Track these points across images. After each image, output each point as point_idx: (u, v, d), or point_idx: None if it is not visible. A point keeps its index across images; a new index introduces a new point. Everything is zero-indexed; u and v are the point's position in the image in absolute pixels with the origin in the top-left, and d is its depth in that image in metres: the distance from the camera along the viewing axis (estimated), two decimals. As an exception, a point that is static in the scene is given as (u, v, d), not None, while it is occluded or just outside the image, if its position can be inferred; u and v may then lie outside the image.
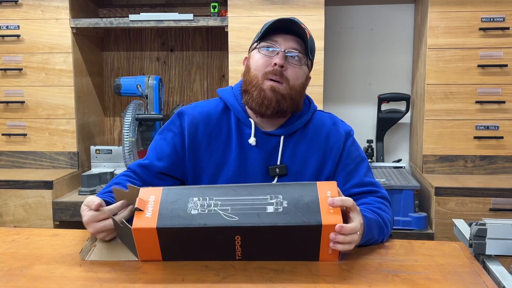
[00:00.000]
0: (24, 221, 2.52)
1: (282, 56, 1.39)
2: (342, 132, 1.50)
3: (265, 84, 1.39)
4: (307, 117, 1.50)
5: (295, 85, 1.41)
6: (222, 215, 1.15)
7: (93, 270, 1.14)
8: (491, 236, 1.23)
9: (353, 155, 1.49)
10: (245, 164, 1.46)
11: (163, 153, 1.49)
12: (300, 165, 1.46)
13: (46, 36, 2.68)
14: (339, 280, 1.09)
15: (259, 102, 1.39)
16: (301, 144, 1.47)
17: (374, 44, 3.01)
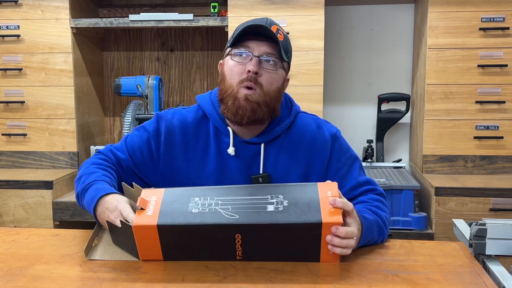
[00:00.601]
0: (24, 221, 2.52)
1: (255, 62, 1.34)
2: (327, 135, 1.45)
3: (240, 93, 1.35)
4: (288, 122, 1.45)
5: (269, 91, 1.36)
6: (222, 214, 1.15)
7: (93, 270, 1.14)
8: (491, 236, 1.23)
9: (344, 159, 1.45)
10: (225, 174, 1.41)
11: (134, 150, 1.45)
12: (284, 173, 1.42)
13: (46, 36, 2.68)
14: (339, 280, 1.09)
15: (233, 112, 1.35)
16: (284, 150, 1.43)
17: (374, 44, 3.01)
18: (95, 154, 1.49)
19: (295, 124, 1.46)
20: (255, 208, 1.16)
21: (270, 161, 1.42)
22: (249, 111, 1.35)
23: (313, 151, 1.43)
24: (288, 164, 1.42)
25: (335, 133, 1.47)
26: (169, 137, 1.44)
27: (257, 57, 1.35)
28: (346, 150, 1.47)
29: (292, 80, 2.63)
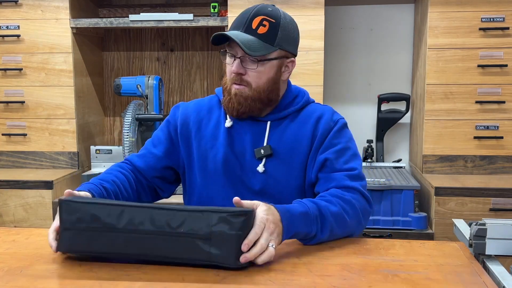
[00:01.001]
0: (24, 221, 2.52)
1: (237, 64, 1.41)
2: (330, 119, 1.50)
3: (232, 89, 1.45)
4: (298, 106, 1.51)
5: (259, 86, 1.44)
6: None
7: (93, 270, 1.14)
8: (491, 236, 1.23)
9: (336, 141, 1.47)
10: (232, 147, 1.49)
11: (159, 140, 1.56)
12: (288, 149, 1.48)
13: (46, 36, 2.68)
14: (339, 280, 1.09)
15: (226, 105, 1.47)
16: (289, 129, 1.49)
17: (374, 44, 3.01)
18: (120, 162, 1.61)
19: (305, 110, 1.53)
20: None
21: (275, 137, 1.48)
22: (236, 105, 1.44)
23: (316, 129, 1.49)
24: (293, 141, 1.48)
25: (339, 119, 1.52)
26: (184, 118, 1.55)
27: (238, 58, 1.42)
28: (343, 136, 1.50)
29: (292, 80, 2.61)
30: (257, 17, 1.41)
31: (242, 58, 1.41)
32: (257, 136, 1.49)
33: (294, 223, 1.22)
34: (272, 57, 1.43)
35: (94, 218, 1.15)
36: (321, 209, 1.29)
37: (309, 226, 1.25)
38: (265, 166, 1.47)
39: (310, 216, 1.26)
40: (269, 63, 1.43)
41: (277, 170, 1.47)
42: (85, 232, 1.15)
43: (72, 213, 1.16)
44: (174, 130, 1.56)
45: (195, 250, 1.11)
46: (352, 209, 1.36)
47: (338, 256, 1.21)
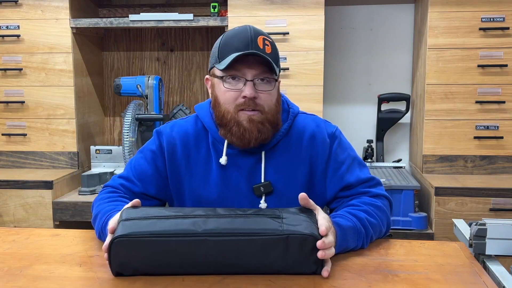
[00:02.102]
0: (24, 221, 2.52)
1: (251, 87, 1.29)
2: (325, 135, 1.42)
3: (241, 116, 1.31)
4: (287, 125, 1.41)
5: (271, 109, 1.33)
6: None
7: (93, 270, 1.14)
8: (491, 236, 1.23)
9: (342, 157, 1.42)
10: (228, 185, 1.38)
11: (145, 176, 1.42)
12: (286, 179, 1.39)
13: (46, 36, 2.68)
14: (339, 280, 1.09)
15: (239, 136, 1.32)
16: (284, 155, 1.39)
17: (374, 44, 3.01)
18: (103, 189, 1.46)
19: (294, 127, 1.42)
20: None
21: (272, 169, 1.39)
22: (255, 133, 1.31)
23: (313, 151, 1.40)
24: (290, 169, 1.39)
25: (334, 132, 1.44)
26: (171, 150, 1.42)
27: (251, 81, 1.30)
28: (345, 148, 1.44)
29: (292, 80, 2.64)
30: (259, 36, 1.31)
31: (254, 81, 1.30)
32: (252, 169, 1.38)
33: (346, 239, 1.22)
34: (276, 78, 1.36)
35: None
36: (364, 223, 1.28)
37: (356, 241, 1.26)
38: (266, 201, 1.38)
39: (357, 232, 1.26)
40: (277, 84, 1.36)
41: (279, 205, 1.34)
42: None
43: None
44: (162, 163, 1.42)
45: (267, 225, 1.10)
46: (384, 215, 1.36)
47: (338, 256, 1.21)
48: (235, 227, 1.09)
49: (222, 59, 1.32)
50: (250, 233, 1.08)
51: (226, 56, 1.31)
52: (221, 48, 1.33)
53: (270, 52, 1.31)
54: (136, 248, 1.07)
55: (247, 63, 1.30)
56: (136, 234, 1.07)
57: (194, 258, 1.08)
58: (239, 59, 1.29)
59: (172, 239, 1.07)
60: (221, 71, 1.32)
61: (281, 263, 1.09)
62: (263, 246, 1.08)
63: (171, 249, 1.07)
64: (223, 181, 1.38)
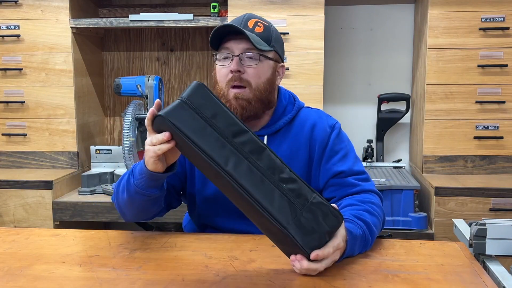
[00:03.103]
0: (24, 221, 2.52)
1: (236, 61, 1.38)
2: (326, 125, 1.49)
3: (230, 94, 1.40)
4: (291, 115, 1.49)
5: (259, 85, 1.41)
6: None
7: (93, 270, 1.14)
8: (491, 236, 1.23)
9: (338, 147, 1.47)
10: None
11: None
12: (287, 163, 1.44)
13: (46, 36, 2.68)
14: (339, 280, 1.09)
15: None
16: (285, 141, 1.47)
17: (374, 44, 3.01)
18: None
19: (297, 117, 1.51)
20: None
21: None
22: (239, 109, 1.39)
23: (313, 138, 1.47)
24: (290, 155, 1.46)
25: (334, 124, 1.51)
26: None
27: (237, 56, 1.39)
28: (343, 141, 1.50)
29: (292, 80, 2.64)
30: (251, 19, 1.42)
31: (241, 56, 1.39)
32: None
33: (354, 246, 1.22)
34: (269, 56, 1.43)
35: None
36: (370, 228, 1.29)
37: (361, 249, 1.26)
38: None
39: (365, 240, 1.26)
40: (267, 62, 1.42)
41: None
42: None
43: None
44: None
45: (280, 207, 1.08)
46: (381, 211, 1.40)
47: (338, 256, 1.21)
48: (253, 190, 1.08)
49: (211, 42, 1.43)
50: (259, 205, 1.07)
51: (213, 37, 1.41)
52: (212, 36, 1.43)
53: (260, 31, 1.41)
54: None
55: (235, 41, 1.40)
56: (177, 127, 1.10)
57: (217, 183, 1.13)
58: (229, 38, 1.40)
59: (204, 155, 1.09)
60: (216, 51, 1.44)
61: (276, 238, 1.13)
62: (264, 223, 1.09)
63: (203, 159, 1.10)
64: None
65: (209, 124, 1.11)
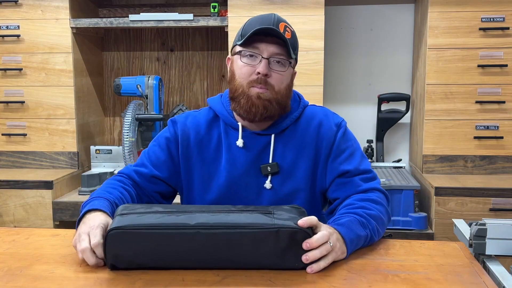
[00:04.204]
0: (24, 221, 2.52)
1: (265, 64, 1.37)
2: (332, 124, 1.49)
3: (251, 91, 1.39)
4: (297, 114, 1.49)
5: (280, 90, 1.41)
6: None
7: (93, 270, 1.14)
8: (491, 236, 1.23)
9: (344, 146, 1.47)
10: (235, 166, 1.45)
11: (159, 161, 1.49)
12: (292, 162, 1.45)
13: (46, 36, 2.68)
14: (339, 280, 1.09)
15: (246, 109, 1.40)
16: (292, 140, 1.47)
17: (374, 44, 3.01)
18: (116, 175, 1.51)
19: (303, 115, 1.50)
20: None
21: (279, 151, 1.46)
22: (261, 109, 1.39)
23: (319, 138, 1.47)
24: (296, 154, 1.46)
25: (340, 122, 1.51)
26: (184, 138, 1.49)
27: (266, 59, 1.38)
28: (349, 139, 1.50)
29: (292, 80, 2.63)
30: (281, 22, 1.40)
31: (270, 60, 1.38)
32: (261, 151, 1.45)
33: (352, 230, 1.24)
34: (292, 63, 1.44)
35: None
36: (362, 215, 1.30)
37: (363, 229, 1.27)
38: (271, 182, 1.45)
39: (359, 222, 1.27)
40: (290, 69, 1.43)
41: (284, 185, 1.45)
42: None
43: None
44: (176, 150, 1.49)
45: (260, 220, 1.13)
46: (381, 206, 1.39)
47: (338, 256, 1.21)
48: (227, 220, 1.12)
49: (243, 37, 1.39)
50: (241, 226, 1.11)
51: (247, 34, 1.38)
52: (245, 28, 1.42)
53: (289, 38, 1.40)
54: (131, 239, 1.09)
55: (266, 42, 1.38)
56: (131, 227, 1.10)
57: (187, 251, 1.10)
58: (259, 38, 1.38)
59: (165, 231, 1.09)
60: (241, 46, 1.40)
61: (272, 257, 1.11)
62: (254, 239, 1.10)
63: (165, 241, 1.10)
64: (232, 162, 1.45)
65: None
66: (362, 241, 1.26)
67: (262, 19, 1.40)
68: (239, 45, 1.41)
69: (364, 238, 1.27)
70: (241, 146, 1.45)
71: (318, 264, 1.13)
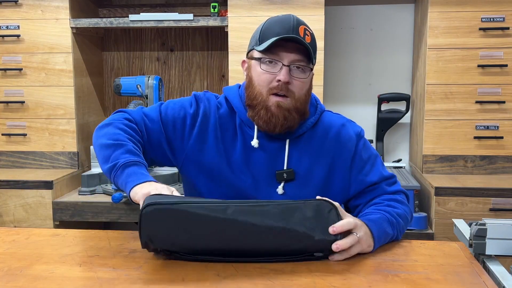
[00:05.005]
0: (24, 221, 2.52)
1: (286, 72, 1.33)
2: (352, 133, 1.48)
3: (271, 101, 1.35)
4: (314, 119, 1.46)
5: (301, 97, 1.38)
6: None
7: (93, 270, 1.14)
8: (491, 236, 1.23)
9: (367, 155, 1.48)
10: (249, 166, 1.43)
11: (168, 121, 1.45)
12: (307, 170, 1.43)
13: (46, 36, 2.68)
14: (339, 280, 1.09)
15: (266, 120, 1.36)
16: (308, 147, 1.44)
17: (374, 44, 3.01)
18: (124, 113, 1.47)
19: (320, 122, 1.48)
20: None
21: (295, 157, 1.43)
22: (281, 119, 1.36)
23: (338, 148, 1.45)
24: (312, 161, 1.44)
25: (359, 132, 1.50)
26: (205, 120, 1.45)
27: (287, 66, 1.34)
28: (369, 148, 1.51)
29: (292, 80, 2.63)
30: (301, 25, 1.35)
31: (291, 67, 1.34)
32: (275, 155, 1.43)
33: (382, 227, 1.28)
34: (312, 68, 1.41)
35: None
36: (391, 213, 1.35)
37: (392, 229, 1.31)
38: (283, 188, 1.43)
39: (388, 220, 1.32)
40: (310, 73, 1.40)
41: (296, 192, 1.42)
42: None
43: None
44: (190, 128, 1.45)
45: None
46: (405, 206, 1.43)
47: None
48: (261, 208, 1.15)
49: (262, 42, 1.36)
50: (270, 203, 1.15)
51: (266, 39, 1.35)
52: (263, 31, 1.37)
53: (309, 42, 1.36)
54: (166, 217, 1.11)
55: (286, 48, 1.34)
56: (165, 202, 1.12)
57: (220, 232, 1.12)
58: (279, 44, 1.33)
59: (200, 211, 1.11)
60: (260, 52, 1.36)
61: (299, 229, 1.14)
62: (284, 211, 1.14)
63: (199, 219, 1.11)
64: (245, 162, 1.43)
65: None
66: (388, 238, 1.31)
67: (282, 22, 1.35)
68: (258, 51, 1.36)
69: (391, 236, 1.31)
70: (256, 146, 1.42)
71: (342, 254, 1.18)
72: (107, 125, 1.42)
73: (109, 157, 1.34)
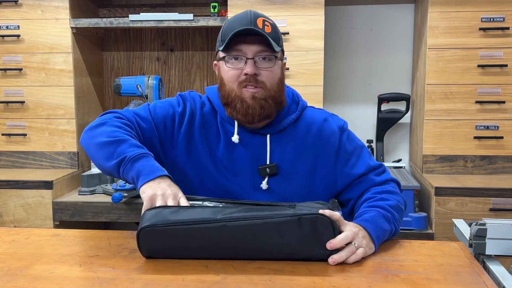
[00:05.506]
0: (24, 221, 2.52)
1: (251, 64, 1.36)
2: (335, 128, 1.49)
3: (244, 93, 1.38)
4: (295, 115, 1.47)
5: (273, 85, 1.40)
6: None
7: (93, 270, 1.14)
8: (491, 236, 1.23)
9: (351, 148, 1.48)
10: (232, 162, 1.44)
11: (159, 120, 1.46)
12: (291, 164, 1.44)
13: (46, 36, 2.68)
14: (339, 280, 1.09)
15: (243, 112, 1.38)
16: (291, 142, 1.45)
17: (374, 44, 3.01)
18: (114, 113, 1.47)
19: (302, 117, 1.49)
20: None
21: (277, 152, 1.44)
22: (258, 109, 1.38)
23: (320, 143, 1.46)
24: (295, 156, 1.45)
25: (342, 125, 1.51)
26: (191, 119, 1.47)
27: (251, 59, 1.37)
28: (353, 139, 1.51)
29: (292, 80, 2.64)
30: (258, 18, 1.38)
31: (255, 58, 1.37)
32: (258, 150, 1.44)
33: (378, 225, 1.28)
34: (279, 56, 1.42)
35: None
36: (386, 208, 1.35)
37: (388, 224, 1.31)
38: (268, 183, 1.44)
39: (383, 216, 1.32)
40: (278, 62, 1.42)
41: (280, 187, 1.44)
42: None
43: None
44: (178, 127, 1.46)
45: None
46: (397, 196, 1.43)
47: (338, 256, 1.21)
48: (251, 213, 1.16)
49: (224, 41, 1.38)
50: (264, 217, 1.15)
51: (226, 38, 1.37)
52: (224, 31, 1.41)
53: (270, 32, 1.38)
54: (162, 236, 1.16)
55: (247, 42, 1.37)
56: (160, 224, 1.15)
57: (215, 243, 1.16)
58: (240, 40, 1.36)
59: (193, 226, 1.15)
60: (223, 52, 1.39)
61: (295, 244, 1.15)
62: (278, 227, 1.14)
63: (193, 235, 1.15)
64: (229, 159, 1.44)
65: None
66: (387, 235, 1.31)
67: (239, 19, 1.39)
68: (221, 50, 1.39)
69: (389, 232, 1.31)
70: (236, 142, 1.44)
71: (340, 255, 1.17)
72: (101, 125, 1.42)
73: (113, 153, 1.33)
